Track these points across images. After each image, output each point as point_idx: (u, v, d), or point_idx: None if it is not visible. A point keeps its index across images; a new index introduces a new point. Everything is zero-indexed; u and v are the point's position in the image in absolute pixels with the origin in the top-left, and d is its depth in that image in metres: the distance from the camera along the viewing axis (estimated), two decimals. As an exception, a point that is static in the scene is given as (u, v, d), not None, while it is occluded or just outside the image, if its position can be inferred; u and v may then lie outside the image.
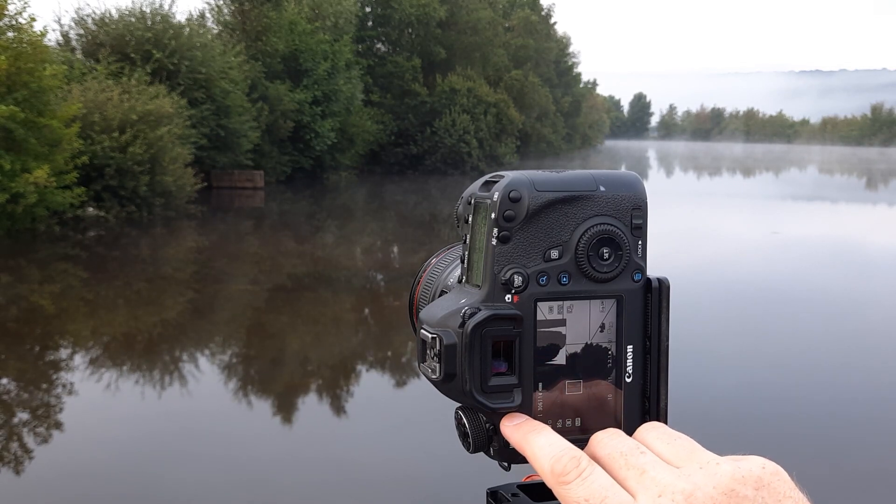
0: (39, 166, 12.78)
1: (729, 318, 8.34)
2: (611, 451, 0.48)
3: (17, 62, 13.13)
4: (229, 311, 9.10)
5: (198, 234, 15.65)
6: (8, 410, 5.68)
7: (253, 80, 24.62)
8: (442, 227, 16.42)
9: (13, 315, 8.39)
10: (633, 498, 0.44)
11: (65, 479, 4.56)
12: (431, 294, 0.63)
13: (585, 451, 0.49)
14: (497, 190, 0.51)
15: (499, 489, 0.57)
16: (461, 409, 0.53)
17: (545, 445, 0.48)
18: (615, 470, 0.46)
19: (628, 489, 0.45)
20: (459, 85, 35.00)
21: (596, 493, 0.44)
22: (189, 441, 5.09)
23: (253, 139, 23.52)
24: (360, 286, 10.65)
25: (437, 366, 0.51)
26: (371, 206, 22.66)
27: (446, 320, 0.51)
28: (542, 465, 0.47)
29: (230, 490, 4.35)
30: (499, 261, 0.51)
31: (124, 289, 10.04)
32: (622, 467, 0.46)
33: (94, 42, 21.64)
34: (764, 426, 5.42)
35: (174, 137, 17.60)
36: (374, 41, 36.53)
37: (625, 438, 0.49)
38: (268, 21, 26.67)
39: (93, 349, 7.37)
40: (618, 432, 0.50)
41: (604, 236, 0.52)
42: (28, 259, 11.97)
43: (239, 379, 6.65)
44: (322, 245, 14.23)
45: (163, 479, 4.42)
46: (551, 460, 0.47)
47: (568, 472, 0.46)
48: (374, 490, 4.42)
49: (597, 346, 0.54)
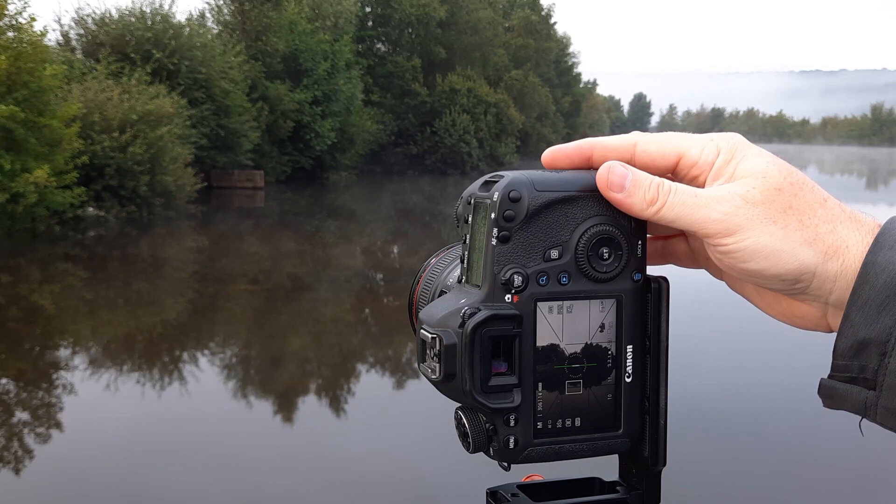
0: (39, 166, 12.77)
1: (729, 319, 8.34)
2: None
3: (18, 62, 13.12)
4: (229, 311, 9.10)
5: (198, 234, 15.66)
6: (8, 411, 5.68)
7: (253, 80, 24.63)
8: (442, 227, 16.42)
9: (13, 315, 8.39)
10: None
11: (58, 479, 4.56)
12: (431, 294, 0.63)
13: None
14: (497, 190, 0.51)
15: (498, 489, 0.57)
16: (461, 409, 0.53)
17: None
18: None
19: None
20: (459, 85, 35.01)
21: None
22: (189, 441, 5.09)
23: (253, 139, 23.52)
24: (360, 286, 10.65)
25: (437, 366, 0.51)
26: (371, 206, 22.67)
27: (446, 320, 0.51)
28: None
29: (229, 491, 4.35)
30: (499, 261, 0.51)
31: (124, 289, 10.04)
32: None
33: (94, 42, 21.65)
34: (761, 425, 5.42)
35: (174, 137, 17.59)
36: (374, 41, 36.53)
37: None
38: (268, 21, 26.68)
39: (93, 349, 7.37)
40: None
41: (603, 236, 0.52)
42: (28, 259, 11.97)
43: (239, 379, 6.65)
44: (322, 245, 14.23)
45: (155, 480, 4.42)
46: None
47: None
48: (373, 490, 4.42)
49: (597, 346, 0.54)
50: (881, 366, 0.46)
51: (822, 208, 0.50)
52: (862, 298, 0.47)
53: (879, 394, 0.46)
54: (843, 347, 0.48)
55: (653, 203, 0.51)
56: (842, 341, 0.48)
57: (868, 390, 0.47)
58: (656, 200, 0.51)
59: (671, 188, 0.51)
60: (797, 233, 0.49)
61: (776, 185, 0.49)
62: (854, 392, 0.48)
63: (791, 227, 0.49)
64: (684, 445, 4.46)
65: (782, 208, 0.49)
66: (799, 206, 0.49)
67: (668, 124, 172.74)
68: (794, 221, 0.49)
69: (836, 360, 0.48)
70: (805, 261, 0.49)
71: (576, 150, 0.55)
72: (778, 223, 0.49)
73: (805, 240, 0.49)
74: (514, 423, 0.51)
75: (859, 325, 0.47)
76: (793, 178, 0.50)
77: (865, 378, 0.47)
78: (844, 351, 0.48)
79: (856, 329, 0.47)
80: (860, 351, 0.47)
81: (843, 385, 0.48)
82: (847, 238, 0.49)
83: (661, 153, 0.53)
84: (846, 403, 0.48)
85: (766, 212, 0.49)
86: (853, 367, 0.47)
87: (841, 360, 0.48)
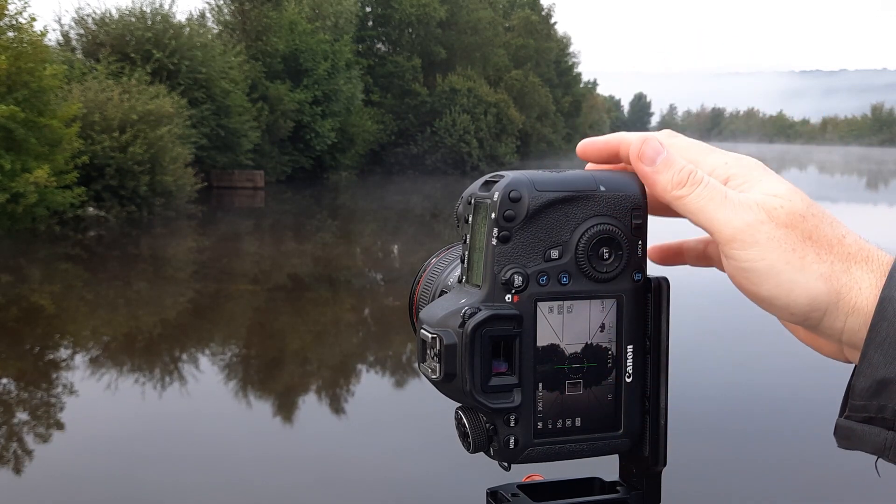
0: (40, 166, 12.78)
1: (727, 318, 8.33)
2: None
3: (18, 62, 13.13)
4: (229, 311, 9.10)
5: (198, 234, 15.66)
6: (8, 411, 5.68)
7: (253, 80, 24.63)
8: (442, 227, 16.42)
9: (13, 315, 8.39)
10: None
11: (59, 480, 4.56)
12: (431, 294, 0.63)
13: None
14: (497, 190, 0.51)
15: (499, 489, 0.57)
16: (461, 409, 0.53)
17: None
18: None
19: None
20: (459, 85, 35.00)
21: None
22: (189, 441, 5.09)
23: (253, 139, 23.52)
24: (360, 286, 10.65)
25: (437, 366, 0.51)
26: (371, 206, 22.67)
27: (446, 320, 0.51)
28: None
29: (229, 491, 4.35)
30: (499, 261, 0.51)
31: (124, 289, 10.04)
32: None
33: (95, 42, 21.65)
34: (762, 425, 5.42)
35: (174, 137, 17.60)
36: (375, 41, 36.53)
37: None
38: (268, 21, 26.68)
39: (93, 349, 7.37)
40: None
41: (604, 236, 0.52)
42: (28, 259, 11.97)
43: (239, 379, 6.65)
44: (322, 245, 14.23)
45: (156, 480, 4.42)
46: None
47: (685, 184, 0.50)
48: (374, 490, 4.42)
49: (597, 346, 0.54)
50: None
51: (839, 245, 0.48)
52: (880, 336, 0.45)
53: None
54: (861, 387, 0.46)
55: (679, 186, 0.50)
56: (860, 381, 0.46)
57: (888, 430, 0.46)
58: (683, 184, 0.50)
59: (703, 179, 0.50)
60: (813, 266, 0.47)
61: (801, 212, 0.48)
62: (873, 433, 0.46)
63: (808, 259, 0.47)
64: (685, 446, 4.46)
65: (802, 237, 0.48)
66: (818, 238, 0.48)
67: (668, 124, 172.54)
68: (811, 253, 0.48)
69: (854, 399, 0.47)
70: (817, 297, 0.47)
71: (605, 144, 0.55)
72: (797, 252, 0.47)
73: (820, 275, 0.47)
74: (514, 423, 0.51)
75: (879, 365, 0.45)
76: (814, 210, 0.49)
77: (884, 418, 0.46)
78: (863, 391, 0.46)
79: (875, 368, 0.45)
80: (880, 391, 0.45)
81: (860, 426, 0.47)
82: (860, 280, 0.47)
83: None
84: (864, 444, 0.47)
85: (788, 237, 0.48)
86: (871, 407, 0.46)
87: (858, 401, 0.47)
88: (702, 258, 0.58)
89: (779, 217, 0.48)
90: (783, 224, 0.48)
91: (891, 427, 0.46)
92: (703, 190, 0.49)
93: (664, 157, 0.51)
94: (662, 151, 0.51)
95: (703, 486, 4.43)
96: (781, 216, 0.48)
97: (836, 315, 0.48)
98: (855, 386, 0.47)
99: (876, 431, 0.46)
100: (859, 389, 0.46)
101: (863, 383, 0.46)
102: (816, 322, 0.48)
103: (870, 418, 0.46)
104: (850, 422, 0.47)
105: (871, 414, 0.46)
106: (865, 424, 0.47)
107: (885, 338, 0.45)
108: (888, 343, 0.45)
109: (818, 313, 0.48)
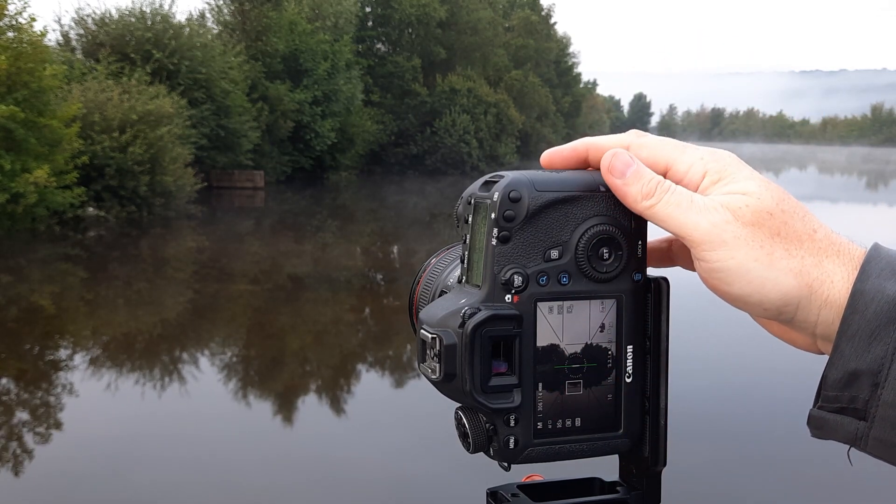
0: (39, 166, 12.78)
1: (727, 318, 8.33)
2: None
3: (18, 62, 13.13)
4: (229, 311, 9.10)
5: (198, 234, 15.65)
6: (8, 411, 5.68)
7: (253, 80, 24.63)
8: (442, 227, 16.42)
9: (13, 315, 8.39)
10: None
11: (59, 480, 4.55)
12: (431, 294, 0.63)
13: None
14: (497, 190, 0.51)
15: (499, 489, 0.57)
16: (461, 409, 0.53)
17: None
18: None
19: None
20: (459, 85, 35.00)
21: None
22: (189, 441, 5.09)
23: (253, 139, 23.52)
24: (360, 286, 10.65)
25: (437, 366, 0.51)
26: (371, 206, 22.66)
27: (446, 320, 0.51)
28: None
29: (229, 491, 4.35)
30: (499, 261, 0.51)
31: (124, 289, 10.04)
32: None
33: (94, 42, 21.65)
34: (762, 426, 5.42)
35: (174, 137, 17.59)
36: (374, 41, 36.53)
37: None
38: (268, 21, 26.68)
39: (93, 349, 7.37)
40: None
41: (604, 236, 0.52)
42: (28, 259, 11.97)
43: (238, 379, 6.65)
44: (322, 245, 14.23)
45: (155, 481, 4.42)
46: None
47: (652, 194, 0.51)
48: (374, 490, 4.42)
49: (597, 346, 0.54)
50: (873, 396, 0.46)
51: (809, 240, 0.49)
52: (852, 329, 0.46)
53: (871, 425, 0.46)
54: (833, 378, 0.47)
55: (647, 197, 0.50)
56: (832, 372, 0.47)
57: (859, 421, 0.46)
58: (651, 195, 0.50)
59: (669, 187, 0.51)
60: (782, 261, 0.48)
61: (768, 209, 0.49)
62: (845, 423, 0.47)
63: (777, 255, 0.48)
64: (685, 446, 4.46)
65: (770, 234, 0.49)
66: (787, 233, 0.49)
67: (668, 124, 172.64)
68: (780, 249, 0.48)
69: (826, 391, 0.48)
70: (788, 292, 0.48)
71: (572, 151, 0.55)
72: (764, 248, 0.48)
73: (790, 270, 0.48)
74: (514, 424, 0.51)
75: (850, 357, 0.46)
76: (785, 205, 0.49)
77: (856, 409, 0.47)
78: (834, 382, 0.47)
79: (846, 360, 0.46)
80: (851, 382, 0.46)
81: (832, 416, 0.48)
82: (832, 273, 0.48)
83: (651, 160, 0.53)
84: (836, 434, 0.48)
85: (754, 235, 0.48)
86: (843, 397, 0.47)
87: (830, 391, 0.48)
88: (666, 258, 0.59)
89: (744, 216, 0.49)
90: (749, 223, 0.49)
91: (862, 417, 0.46)
92: (670, 196, 0.50)
93: (633, 170, 0.51)
94: (632, 164, 0.51)
95: (703, 487, 4.43)
96: (747, 215, 0.49)
97: (810, 309, 0.49)
98: (827, 377, 0.48)
99: (847, 421, 0.47)
100: (831, 381, 0.47)
101: (835, 375, 0.47)
102: (790, 317, 0.49)
103: (842, 409, 0.47)
104: (823, 412, 0.49)
105: (843, 404, 0.47)
106: (837, 415, 0.48)
107: (856, 330, 0.46)
108: (859, 335, 0.46)
109: (791, 308, 0.49)
